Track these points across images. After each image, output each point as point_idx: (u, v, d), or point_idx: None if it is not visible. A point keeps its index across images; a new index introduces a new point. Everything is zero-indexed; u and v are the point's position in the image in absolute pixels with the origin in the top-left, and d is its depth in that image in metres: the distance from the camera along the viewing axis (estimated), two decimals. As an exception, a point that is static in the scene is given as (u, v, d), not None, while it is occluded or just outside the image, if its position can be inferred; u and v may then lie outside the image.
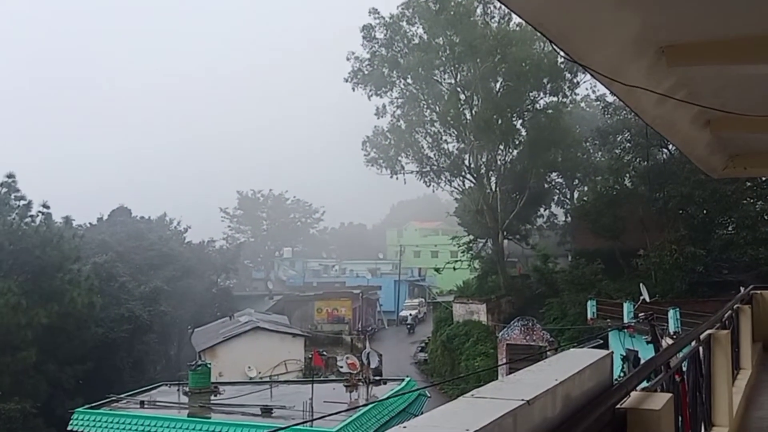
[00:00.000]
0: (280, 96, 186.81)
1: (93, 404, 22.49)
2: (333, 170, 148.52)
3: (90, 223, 57.29)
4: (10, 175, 37.48)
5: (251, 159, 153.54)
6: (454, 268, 50.79)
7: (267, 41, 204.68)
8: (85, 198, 75.99)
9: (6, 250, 34.69)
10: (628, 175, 41.74)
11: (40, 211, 37.86)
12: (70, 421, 21.69)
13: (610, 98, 41.60)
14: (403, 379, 25.52)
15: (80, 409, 22.00)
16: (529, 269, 48.64)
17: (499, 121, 44.69)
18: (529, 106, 47.21)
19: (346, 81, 47.88)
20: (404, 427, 2.12)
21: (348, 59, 47.70)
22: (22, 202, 37.48)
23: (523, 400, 2.32)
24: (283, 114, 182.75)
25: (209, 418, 20.60)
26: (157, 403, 22.34)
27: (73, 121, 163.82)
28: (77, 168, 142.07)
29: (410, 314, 68.39)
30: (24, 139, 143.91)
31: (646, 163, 38.47)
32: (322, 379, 28.70)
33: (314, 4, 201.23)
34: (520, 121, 47.53)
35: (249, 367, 33.79)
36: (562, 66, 43.05)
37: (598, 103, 44.88)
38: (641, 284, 28.38)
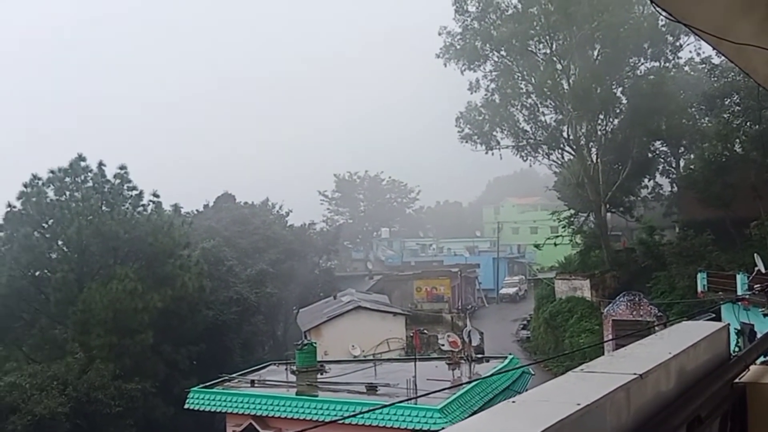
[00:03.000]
0: (373, 80, 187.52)
1: (207, 384, 23.48)
2: (427, 149, 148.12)
3: (197, 210, 59.60)
4: (122, 167, 39.39)
5: (346, 143, 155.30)
6: (555, 244, 49.82)
7: (356, 29, 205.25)
8: (191, 188, 79.07)
9: (122, 238, 36.59)
10: (738, 140, 39.66)
11: (151, 200, 39.65)
12: (187, 400, 22.78)
13: (716, 60, 39.59)
14: (505, 357, 25.33)
15: (195, 389, 23.03)
16: (634, 242, 47.18)
17: (598, 90, 43.31)
18: (630, 73, 45.47)
19: (438, 57, 47.54)
20: (513, 401, 2.11)
21: (440, 34, 47.32)
22: (134, 192, 39.33)
23: (635, 374, 2.26)
24: (376, 96, 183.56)
25: (316, 395, 21.17)
26: (267, 382, 23.13)
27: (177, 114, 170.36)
28: (184, 161, 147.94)
29: (510, 291, 67.81)
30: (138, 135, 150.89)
31: (758, 126, 36.39)
32: (424, 357, 28.91)
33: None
34: (620, 89, 45.92)
35: (353, 346, 34.39)
36: (664, 29, 41.23)
37: (704, 66, 42.81)
38: (755, 254, 27.03)
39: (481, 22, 46.10)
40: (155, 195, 39.88)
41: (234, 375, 24.53)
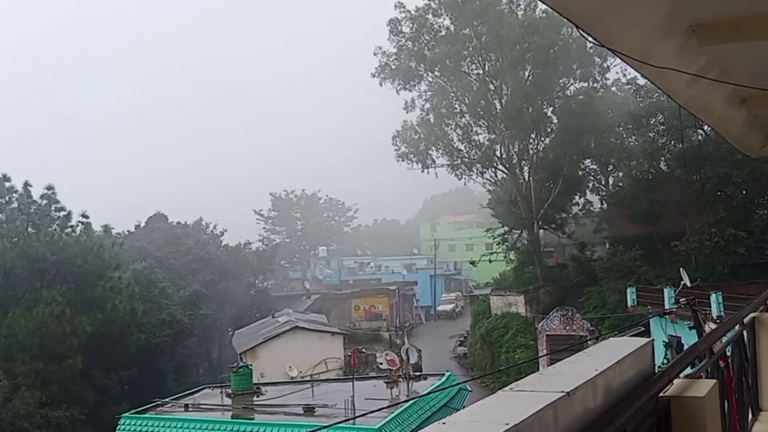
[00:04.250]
0: (307, 97, 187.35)
1: (139, 409, 22.85)
2: (363, 167, 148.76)
3: (128, 231, 58.23)
4: (50, 187, 38.22)
5: (282, 162, 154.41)
6: (490, 261, 50.51)
7: (292, 49, 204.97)
8: (122, 208, 77.19)
9: (48, 260, 35.39)
10: (663, 158, 41.09)
11: (79, 221, 38.61)
12: (117, 427, 22.08)
13: (641, 81, 40.99)
14: (443, 374, 25.47)
15: (127, 414, 22.37)
16: (566, 258, 48.20)
17: (530, 110, 44.36)
18: (560, 93, 46.78)
19: (374, 76, 47.91)
20: (444, 422, 2.11)
21: (375, 54, 47.71)
22: (62, 213, 38.18)
23: (563, 392, 2.29)
24: (311, 115, 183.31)
25: (253, 419, 20.81)
26: (201, 406, 22.64)
27: (108, 131, 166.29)
28: (113, 178, 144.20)
29: (448, 308, 68.28)
30: (58, 151, 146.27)
31: (681, 145, 37.82)
32: (362, 376, 28.79)
33: (336, 7, 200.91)
34: (551, 109, 47.15)
35: (290, 367, 34.06)
36: (591, 51, 42.55)
37: (630, 86, 44.26)
38: (681, 269, 27.94)
39: (415, 42, 46.75)
40: (84, 216, 38.86)
41: (167, 399, 23.94)
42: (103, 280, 37.09)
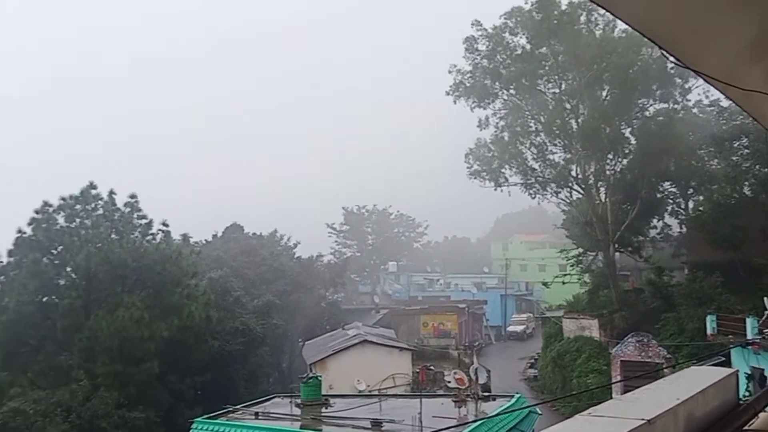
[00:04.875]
0: (382, 116, 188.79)
1: (211, 414, 23.32)
2: (435, 185, 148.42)
3: (206, 240, 59.84)
4: (133, 196, 39.72)
5: (355, 177, 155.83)
6: (563, 282, 49.61)
7: (366, 68, 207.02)
8: (201, 217, 79.37)
9: (130, 266, 36.71)
10: (747, 182, 39.61)
11: (160, 230, 39.89)
12: (190, 430, 22.62)
13: (725, 103, 39.73)
14: (513, 396, 25.07)
15: (199, 419, 22.85)
16: (642, 283, 46.90)
17: (607, 130, 43.52)
18: (638, 114, 45.70)
19: (448, 94, 47.93)
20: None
21: (450, 72, 47.80)
22: (143, 221, 39.60)
23: (643, 419, 2.28)
24: (385, 133, 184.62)
25: (320, 430, 20.99)
26: (271, 415, 22.94)
27: (188, 145, 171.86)
28: (192, 188, 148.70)
29: (518, 329, 67.30)
30: (143, 164, 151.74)
31: (767, 169, 36.40)
32: (430, 393, 28.65)
33: (415, 25, 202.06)
34: (629, 129, 46.08)
35: (358, 380, 34.14)
36: (672, 71, 41.46)
37: (712, 108, 42.97)
38: (765, 298, 26.79)
39: (491, 60, 46.59)
40: (165, 224, 40.14)
41: (238, 406, 24.37)
42: (181, 287, 38.18)
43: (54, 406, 30.20)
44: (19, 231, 36.52)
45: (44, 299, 36.69)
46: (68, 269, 37.37)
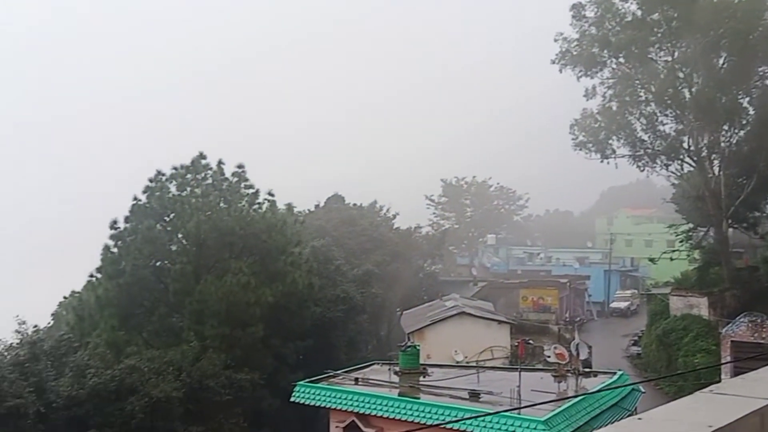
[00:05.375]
0: (484, 86, 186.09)
1: (312, 378, 24.02)
2: (537, 156, 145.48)
3: (308, 210, 61.17)
4: (240, 166, 40.96)
5: (455, 149, 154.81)
6: (671, 259, 47.76)
7: (470, 39, 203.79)
8: (303, 188, 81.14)
9: (237, 234, 38.04)
10: None
11: (266, 199, 40.94)
12: (293, 393, 23.42)
13: None
14: (614, 373, 24.51)
15: (301, 383, 23.59)
16: (757, 260, 44.50)
17: (723, 100, 41.19)
18: (758, 82, 42.92)
19: (553, 62, 46.53)
20: (639, 418, 2.10)
21: (556, 40, 46.35)
22: (250, 191, 40.83)
23: (771, 399, 2.19)
24: (486, 104, 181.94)
25: (419, 398, 21.26)
26: (370, 381, 23.43)
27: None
28: (293, 156, 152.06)
29: (622, 306, 65.50)
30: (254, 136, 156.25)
31: None
32: (529, 367, 28.41)
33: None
34: (747, 99, 43.40)
35: (455, 351, 34.30)
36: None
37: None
38: None
39: (599, 28, 44.83)
40: (270, 194, 41.20)
41: (339, 372, 25.00)
42: (285, 254, 39.25)
43: (166, 365, 31.87)
44: (135, 198, 38.50)
45: (157, 264, 38.61)
46: (179, 236, 39.08)
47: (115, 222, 38.06)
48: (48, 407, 28.35)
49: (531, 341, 43.12)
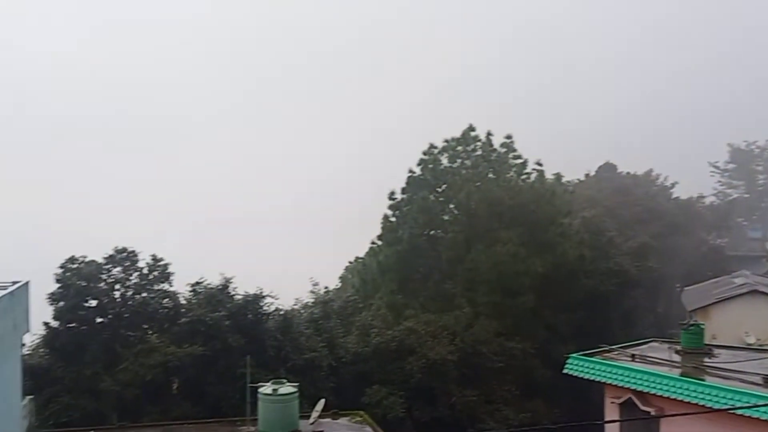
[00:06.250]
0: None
1: (586, 352, 23.55)
2: None
3: (578, 179, 59.70)
4: (508, 136, 41.31)
5: (745, 110, 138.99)
6: None
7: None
8: (572, 156, 78.91)
9: (506, 204, 38.46)
10: None
11: (534, 169, 40.88)
12: (565, 365, 23.19)
13: None
14: None
15: (574, 355, 23.25)
16: None
17: None
18: None
19: None
20: None
21: None
22: (518, 161, 41.03)
23: None
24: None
25: (703, 380, 19.85)
26: (648, 358, 22.34)
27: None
28: (564, 127, 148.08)
29: None
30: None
31: None
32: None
33: None
34: None
35: (746, 333, 31.40)
36: None
37: None
38: None
39: None
40: (538, 164, 41.00)
41: (614, 347, 24.23)
42: (554, 225, 38.88)
43: (441, 329, 33.48)
44: (410, 171, 40.68)
45: (431, 232, 40.49)
46: (451, 206, 40.59)
47: (392, 193, 40.66)
48: (338, 362, 31.44)
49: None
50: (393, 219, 40.57)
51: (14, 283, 20.31)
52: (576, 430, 28.33)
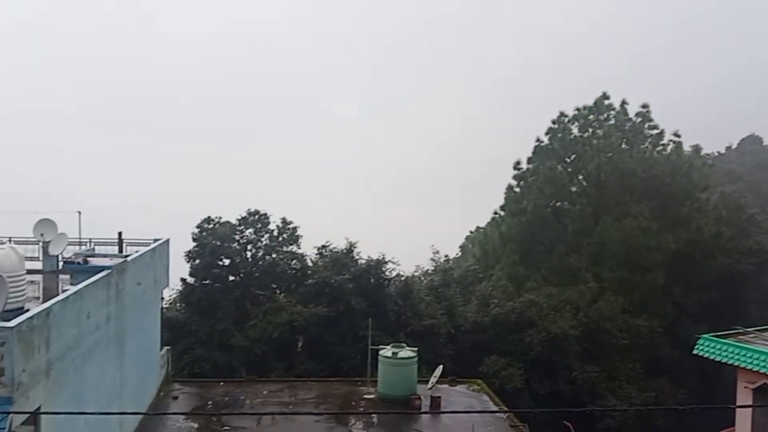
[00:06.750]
0: None
1: (718, 333, 22.41)
2: None
3: (718, 152, 56.37)
4: (645, 106, 39.43)
5: None
6: None
7: None
8: (714, 127, 74.30)
9: (639, 176, 36.90)
10: None
11: (671, 140, 38.94)
12: (695, 346, 22.18)
13: None
14: None
15: (706, 336, 22.18)
16: None
17: None
18: None
19: None
20: None
21: None
22: (654, 132, 39.17)
23: None
24: None
25: None
26: (788, 344, 21.00)
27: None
28: (707, 98, 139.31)
29: None
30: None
31: None
32: None
33: None
34: None
35: None
36: None
37: None
38: None
39: None
40: (676, 135, 39.01)
41: (750, 329, 22.89)
42: (690, 200, 36.97)
43: (564, 303, 32.85)
44: (537, 140, 39.79)
45: (557, 204, 39.54)
46: (580, 177, 39.37)
47: (518, 162, 40.00)
48: (457, 329, 31.63)
49: None
50: (517, 189, 39.96)
51: (156, 240, 21.83)
52: (704, 412, 27.21)
